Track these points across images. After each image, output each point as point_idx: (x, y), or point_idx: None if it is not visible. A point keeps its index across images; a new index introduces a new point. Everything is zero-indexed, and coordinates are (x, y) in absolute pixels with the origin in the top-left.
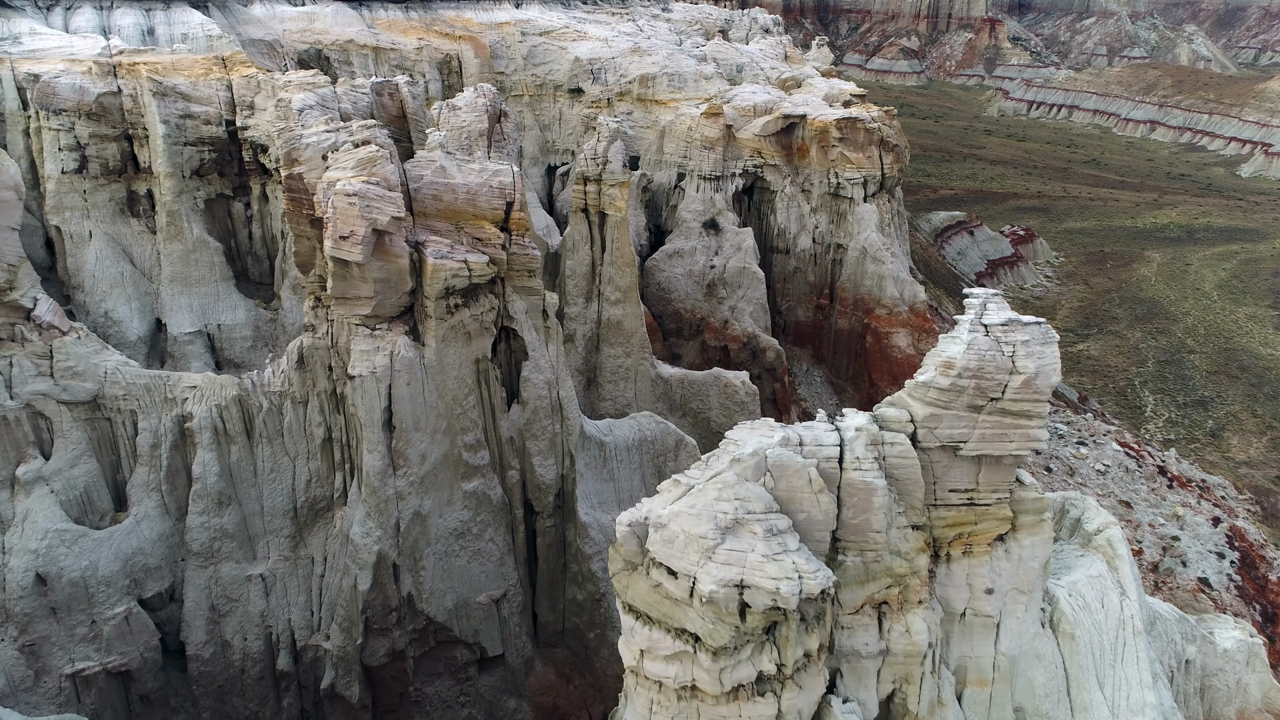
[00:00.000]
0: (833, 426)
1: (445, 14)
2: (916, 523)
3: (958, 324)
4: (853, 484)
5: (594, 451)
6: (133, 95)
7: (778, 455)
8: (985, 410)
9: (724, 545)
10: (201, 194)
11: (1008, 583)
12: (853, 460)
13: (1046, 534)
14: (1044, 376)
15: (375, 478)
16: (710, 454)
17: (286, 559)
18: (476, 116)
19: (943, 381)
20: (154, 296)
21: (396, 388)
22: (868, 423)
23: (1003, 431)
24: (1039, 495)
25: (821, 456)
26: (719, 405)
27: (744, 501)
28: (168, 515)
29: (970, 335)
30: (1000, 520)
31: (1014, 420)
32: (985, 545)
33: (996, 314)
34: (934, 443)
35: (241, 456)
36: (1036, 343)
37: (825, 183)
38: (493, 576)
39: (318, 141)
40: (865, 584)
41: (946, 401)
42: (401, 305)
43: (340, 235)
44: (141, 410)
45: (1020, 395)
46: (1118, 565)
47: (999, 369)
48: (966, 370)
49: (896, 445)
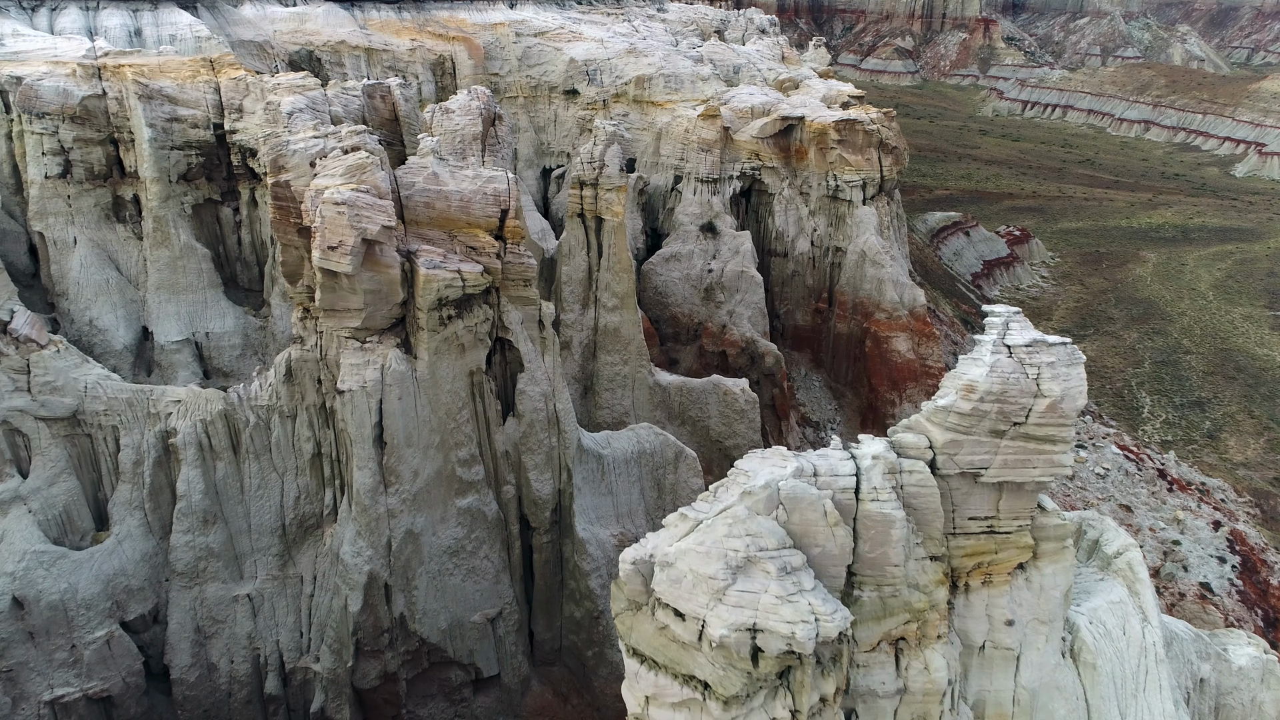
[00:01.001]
0: (848, 454)
1: (438, 14)
2: (935, 553)
3: (978, 344)
4: (870, 516)
5: (592, 465)
6: (118, 98)
7: (791, 487)
8: (1008, 435)
9: (735, 586)
10: (189, 199)
11: (1028, 613)
12: (869, 490)
13: (1069, 561)
14: (1070, 400)
15: (366, 495)
16: (718, 484)
17: (274, 578)
18: (470, 120)
19: (964, 406)
20: (140, 304)
21: (388, 402)
22: (885, 450)
23: (1026, 458)
24: (1061, 521)
25: (837, 488)
26: (718, 413)
27: (756, 538)
28: (151, 534)
29: (993, 357)
30: (1022, 549)
31: (1038, 446)
32: (1005, 575)
33: (1020, 334)
34: (954, 470)
35: (228, 473)
36: (1062, 364)
37: (824, 185)
38: (488, 595)
39: (305, 147)
40: (882, 620)
41: (967, 427)
42: (393, 317)
43: (328, 245)
44: (123, 426)
45: (1045, 420)
46: (1139, 590)
47: (1023, 392)
48: (989, 394)
49: (915, 474)
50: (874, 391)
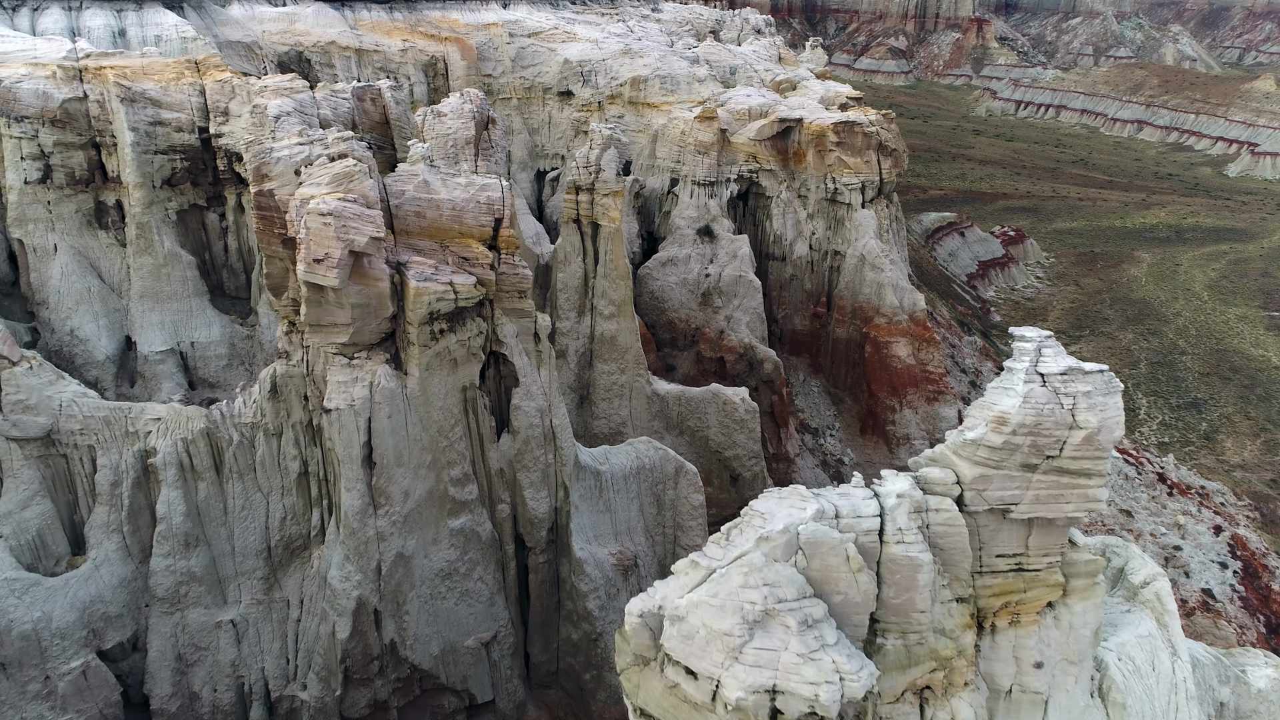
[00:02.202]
0: (870, 493)
1: (431, 15)
2: (961, 595)
3: (1008, 372)
4: (895, 560)
5: (589, 482)
6: (100, 101)
7: (812, 532)
8: (1040, 469)
9: (753, 643)
10: (173, 204)
11: (1057, 653)
12: (894, 532)
13: (1099, 597)
14: (1107, 431)
15: (354, 518)
16: (730, 524)
17: (260, 603)
18: (463, 123)
19: (995, 439)
20: (123, 313)
21: (377, 421)
22: (910, 488)
23: (1059, 492)
24: (1093, 557)
25: (860, 530)
26: (718, 423)
27: (774, 588)
28: (130, 558)
29: (1026, 386)
30: (1051, 587)
31: (1072, 480)
32: (1034, 614)
33: (1054, 361)
34: (982, 506)
35: (210, 493)
36: (1099, 393)
37: (822, 188)
38: (482, 618)
39: (290, 155)
40: (907, 669)
41: (998, 461)
42: (382, 332)
43: (314, 258)
44: (101, 445)
45: (1081, 452)
46: (1167, 622)
47: (1058, 424)
48: (1022, 426)
49: (942, 512)
50: (874, 397)
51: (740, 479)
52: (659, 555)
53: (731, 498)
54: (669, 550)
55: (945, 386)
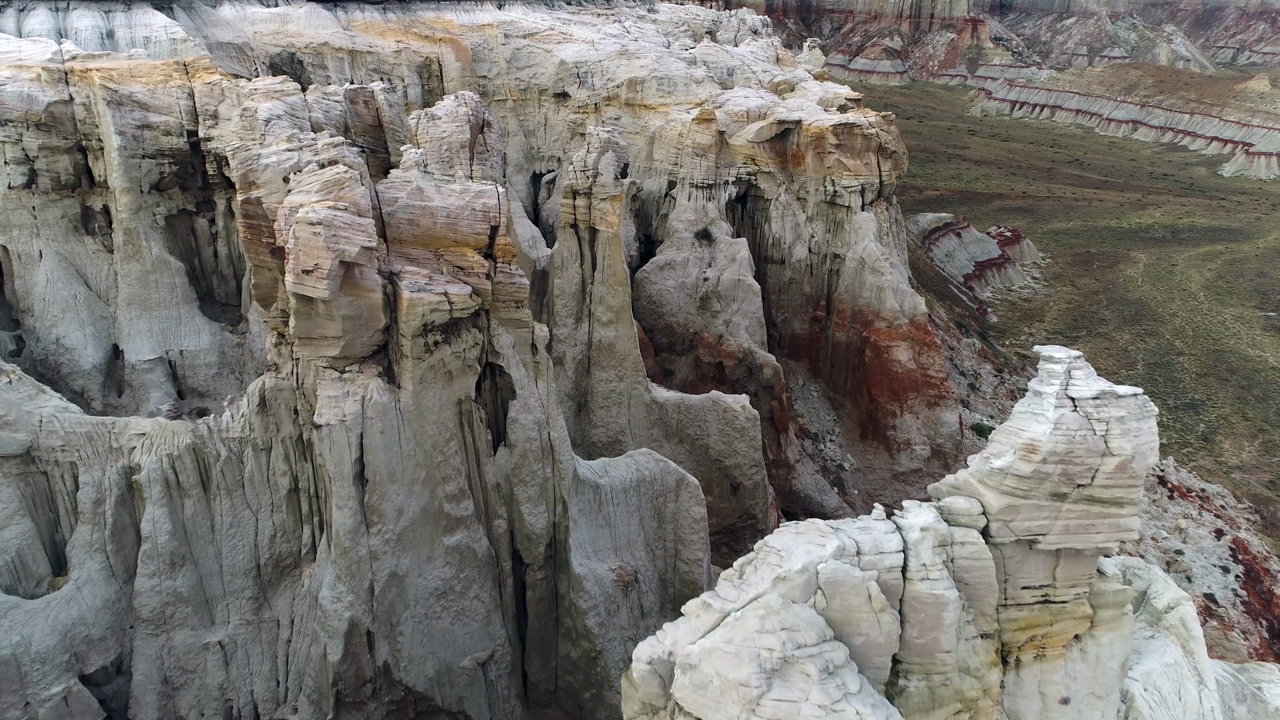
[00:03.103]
0: (893, 526)
1: (425, 15)
2: (986, 631)
3: (1035, 395)
4: (919, 598)
5: (588, 495)
6: (86, 104)
7: (832, 571)
8: (1070, 498)
9: (770, 694)
10: (161, 210)
11: (1084, 687)
12: (918, 568)
13: (1128, 628)
14: (1141, 458)
15: (346, 537)
16: (744, 560)
17: (248, 623)
18: (458, 127)
19: (1024, 468)
20: (110, 321)
21: (369, 437)
22: (934, 520)
23: (1090, 522)
24: (1122, 587)
25: (882, 567)
26: (718, 431)
27: (793, 632)
28: (114, 578)
29: (1056, 412)
30: (1079, 619)
31: (1103, 509)
32: (1060, 647)
33: (1086, 385)
34: (1009, 537)
35: (197, 511)
36: (1133, 419)
37: (821, 190)
38: (478, 637)
39: (278, 161)
40: (931, 712)
41: (1026, 490)
42: (374, 344)
43: (303, 269)
44: (83, 462)
45: (1113, 481)
46: (1193, 649)
47: (1090, 451)
48: (1053, 455)
49: (968, 545)
50: (874, 402)
51: (741, 488)
52: (659, 570)
53: (732, 507)
54: (670, 565)
55: (946, 391)
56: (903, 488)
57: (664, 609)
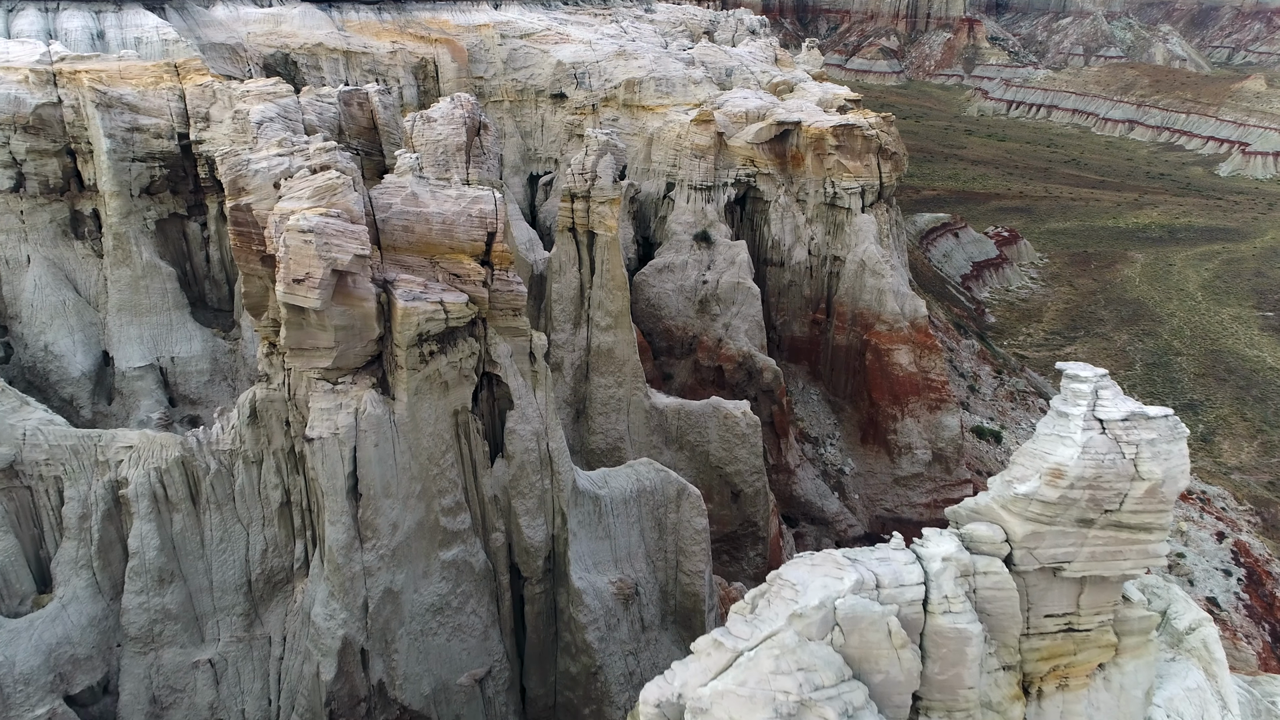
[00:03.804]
0: (912, 555)
1: (420, 16)
2: (1008, 662)
3: (1061, 417)
4: (941, 632)
5: (588, 507)
6: (75, 106)
7: (851, 607)
8: (1097, 524)
9: None
10: (152, 214)
11: (1107, 717)
12: (940, 601)
13: (1152, 655)
14: (1172, 483)
15: (339, 553)
16: (756, 593)
17: (239, 640)
18: (454, 129)
19: (1050, 494)
20: (100, 327)
21: (362, 450)
22: (957, 550)
23: (1117, 549)
24: (1147, 613)
25: (903, 601)
26: (718, 438)
27: (809, 673)
28: (100, 595)
29: (1084, 435)
30: (1103, 648)
31: (1131, 535)
32: (1083, 676)
33: (1114, 405)
34: (1033, 565)
35: (186, 525)
36: (1164, 441)
37: (821, 192)
38: (475, 653)
39: (268, 167)
40: None
41: (1051, 516)
42: (367, 354)
43: (294, 278)
44: (68, 476)
45: (1142, 506)
46: (1216, 672)
47: (1119, 476)
48: (1081, 480)
49: (991, 575)
50: (874, 406)
51: (742, 495)
52: (660, 582)
53: (733, 514)
54: (671, 576)
55: (948, 395)
56: (904, 492)
57: (665, 622)
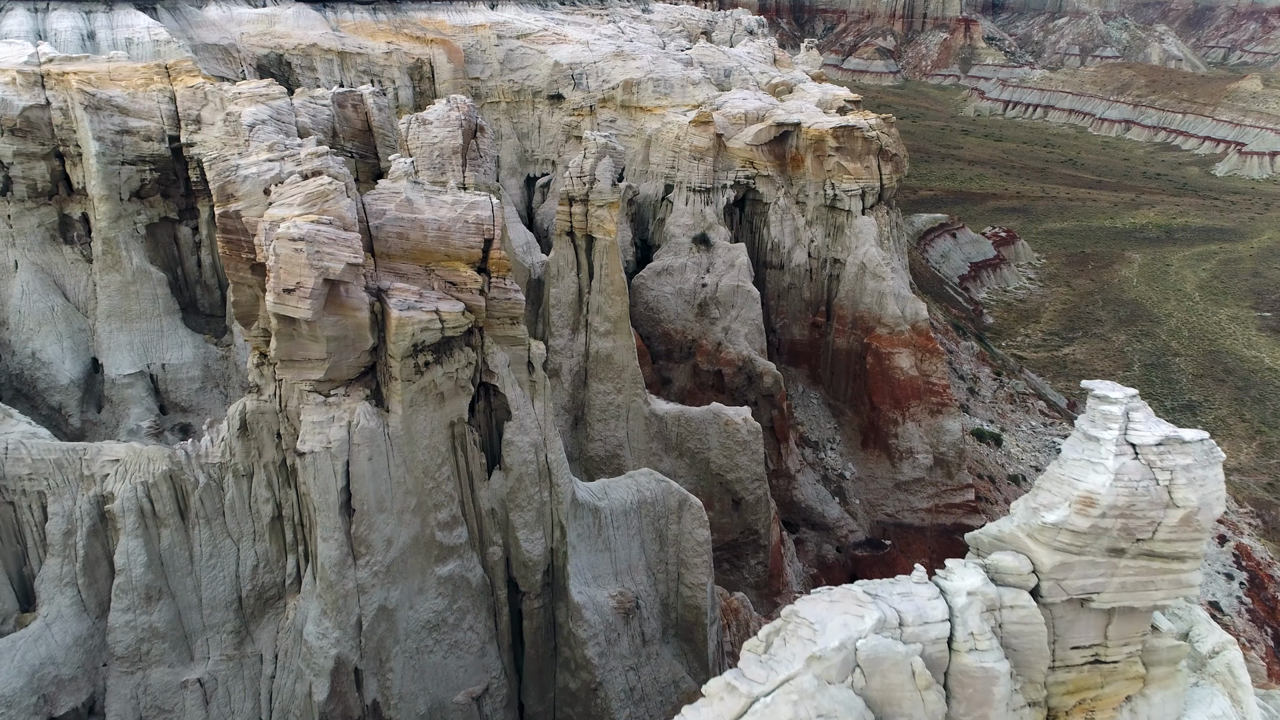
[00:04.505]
0: (935, 589)
1: (416, 16)
2: (1034, 698)
3: (1090, 441)
4: (967, 671)
5: (587, 519)
6: (63, 108)
7: (873, 648)
8: (1128, 554)
9: None
10: (142, 218)
11: None
12: (965, 638)
13: (1181, 685)
14: (1207, 510)
15: (332, 570)
16: (770, 630)
17: (230, 658)
18: (449, 132)
19: (1080, 523)
20: (89, 334)
21: (356, 464)
22: (982, 584)
23: (1149, 579)
24: (1176, 642)
25: (927, 639)
26: (719, 445)
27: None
28: (86, 614)
29: (1117, 461)
30: (1131, 680)
31: (1164, 564)
32: (1110, 710)
33: (1147, 430)
34: (1060, 596)
35: (174, 541)
36: (1199, 466)
37: (821, 194)
38: (472, 670)
39: (258, 172)
40: None
41: (1081, 546)
42: (361, 365)
43: (284, 288)
44: (52, 491)
45: (1176, 535)
46: (1241, 697)
47: (1153, 504)
48: (1113, 508)
49: (1018, 609)
50: (875, 410)
51: (743, 503)
52: (661, 594)
53: (734, 522)
54: (672, 589)
55: (949, 399)
56: (905, 497)
57: (666, 635)
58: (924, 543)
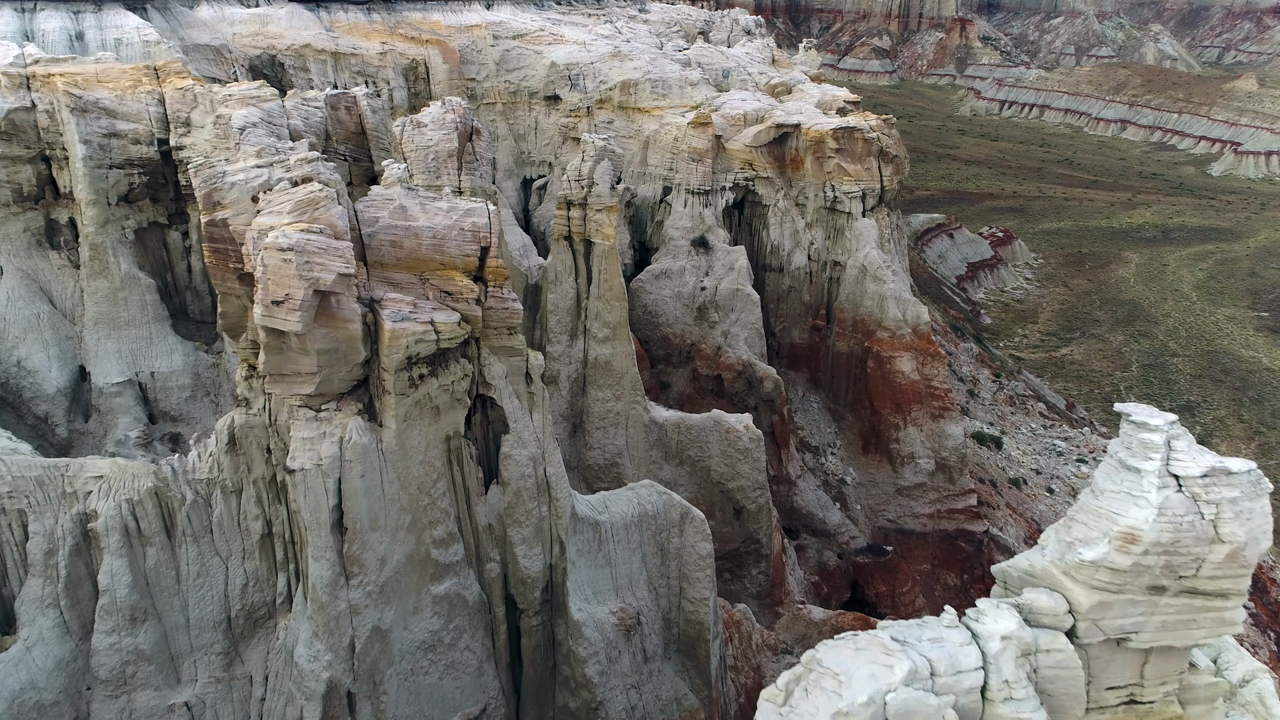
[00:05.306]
0: (968, 635)
1: (411, 16)
2: None
3: (1129, 471)
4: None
5: (587, 534)
6: (49, 111)
7: (904, 701)
8: (1169, 591)
9: None
10: (131, 223)
11: None
12: (1000, 686)
13: None
14: (1254, 545)
15: (324, 591)
16: (790, 678)
17: (218, 681)
18: (445, 135)
19: (1122, 561)
20: (76, 341)
21: (348, 482)
22: (1017, 628)
23: (1190, 617)
24: (1213, 680)
25: (960, 690)
26: (720, 452)
27: None
28: (68, 636)
29: (1160, 495)
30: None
31: (1206, 602)
32: None
33: (1191, 460)
34: (1097, 637)
35: (160, 560)
36: (1246, 499)
37: (821, 196)
38: (469, 691)
39: (245, 179)
40: None
41: (1121, 585)
42: (353, 379)
43: (273, 300)
44: (33, 509)
45: (1221, 571)
46: None
47: (1198, 539)
48: (1156, 545)
49: (1054, 652)
50: (876, 414)
51: (744, 512)
52: (663, 609)
53: (735, 532)
54: (674, 604)
55: (951, 403)
56: (907, 502)
57: (667, 651)
58: (926, 549)
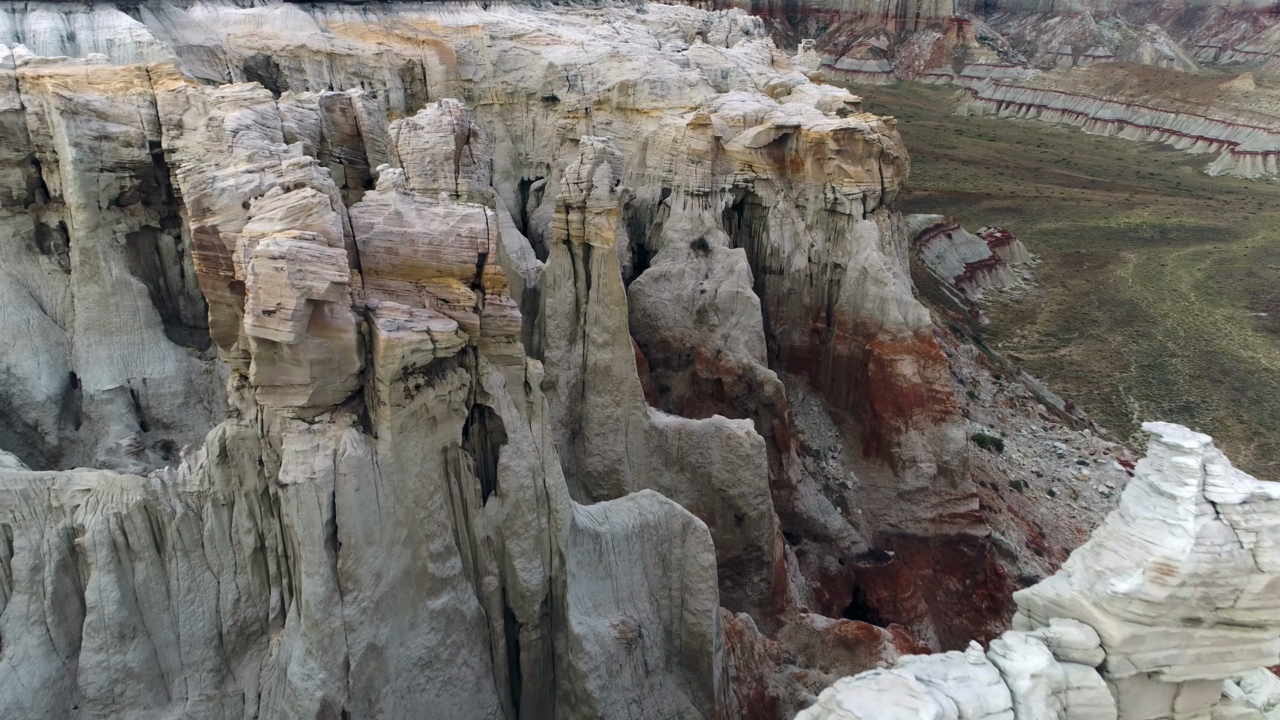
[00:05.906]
0: (995, 673)
1: (407, 16)
2: None
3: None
4: None
5: (588, 546)
6: (39, 113)
7: None
8: (1205, 623)
9: None
10: (122, 226)
11: None
12: None
13: None
14: None
15: (317, 607)
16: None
17: (210, 699)
18: (441, 137)
19: (1157, 593)
20: (67, 347)
21: (342, 495)
22: (1048, 665)
23: (1226, 649)
24: (1246, 710)
25: None
26: (721, 459)
27: None
28: (55, 654)
29: (1198, 523)
30: None
31: (1243, 634)
32: None
33: (1229, 486)
34: (1129, 671)
35: (150, 575)
36: None
37: (821, 198)
38: (468, 707)
39: (236, 185)
40: None
41: (1155, 617)
42: (347, 390)
43: (264, 309)
44: (18, 524)
45: (1260, 602)
46: None
47: (1237, 570)
48: (1194, 577)
49: (1085, 690)
50: (877, 418)
51: (746, 518)
52: (664, 621)
53: (736, 539)
54: (675, 616)
55: (952, 406)
56: (908, 507)
57: (669, 664)
58: (928, 553)
